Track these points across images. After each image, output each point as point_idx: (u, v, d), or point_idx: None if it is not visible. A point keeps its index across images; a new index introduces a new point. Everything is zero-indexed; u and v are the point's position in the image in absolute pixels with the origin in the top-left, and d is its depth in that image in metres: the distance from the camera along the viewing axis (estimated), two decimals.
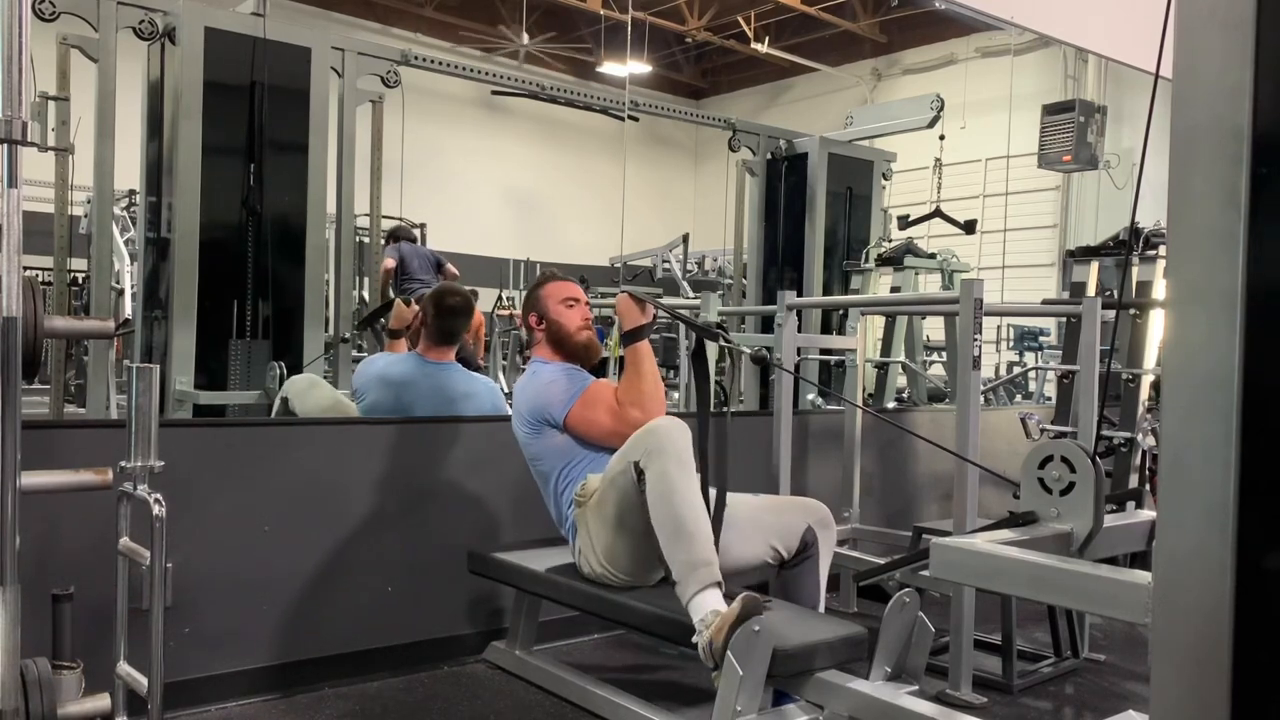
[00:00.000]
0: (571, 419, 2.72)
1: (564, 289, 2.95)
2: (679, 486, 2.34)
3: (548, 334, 2.91)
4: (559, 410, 2.73)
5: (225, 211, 4.58)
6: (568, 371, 2.84)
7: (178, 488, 2.24)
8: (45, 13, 4.15)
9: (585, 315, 2.93)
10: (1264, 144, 0.96)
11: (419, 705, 2.89)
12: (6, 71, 1.74)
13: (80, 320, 3.85)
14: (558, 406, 2.73)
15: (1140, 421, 4.38)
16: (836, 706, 2.29)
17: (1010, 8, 3.63)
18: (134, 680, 2.08)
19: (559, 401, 2.74)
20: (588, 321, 2.93)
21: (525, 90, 7.18)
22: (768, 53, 14.36)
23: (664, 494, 2.35)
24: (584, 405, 2.72)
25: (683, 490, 2.34)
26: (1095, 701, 3.14)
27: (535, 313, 2.94)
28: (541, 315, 2.93)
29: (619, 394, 2.70)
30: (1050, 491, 1.53)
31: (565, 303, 2.91)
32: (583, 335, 2.90)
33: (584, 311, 2.93)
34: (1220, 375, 0.98)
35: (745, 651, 2.17)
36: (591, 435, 2.71)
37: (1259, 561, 0.97)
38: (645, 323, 2.74)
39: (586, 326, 2.92)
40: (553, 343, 2.91)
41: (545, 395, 2.76)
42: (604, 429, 2.69)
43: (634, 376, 2.70)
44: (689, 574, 2.29)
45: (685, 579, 2.29)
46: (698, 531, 2.32)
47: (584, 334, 2.91)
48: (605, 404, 2.71)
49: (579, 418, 2.72)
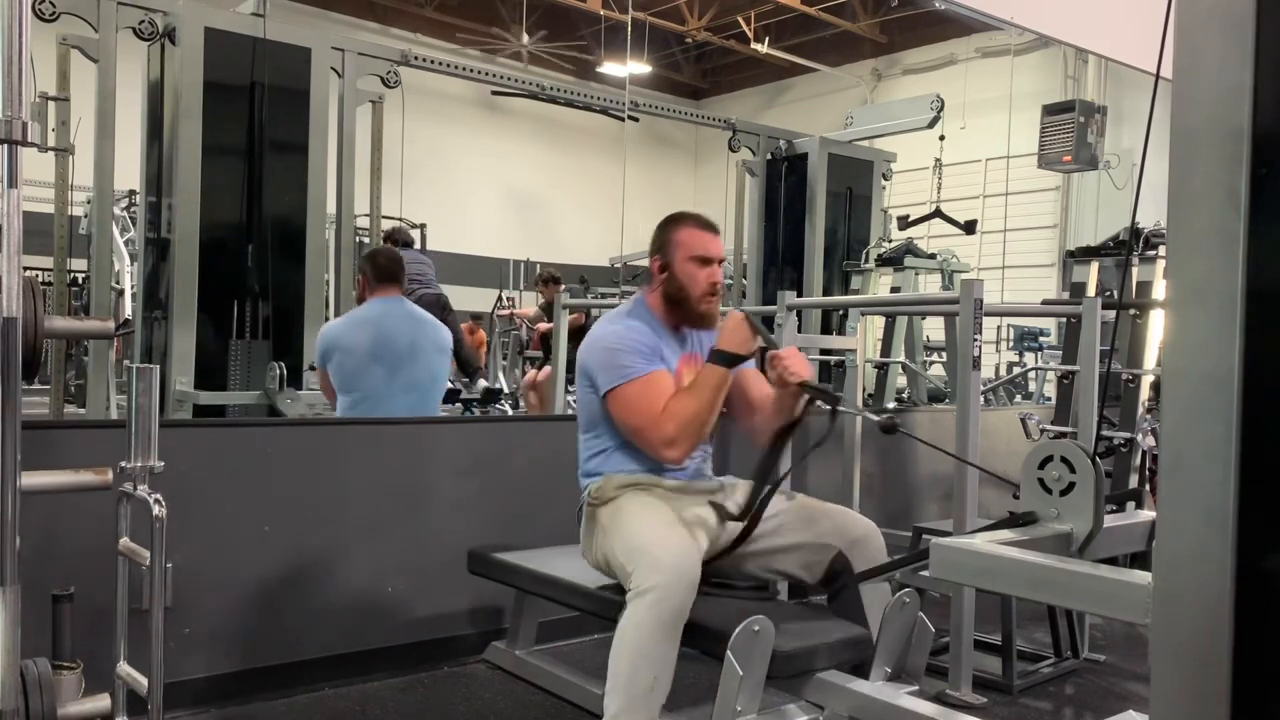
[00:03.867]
0: (612, 397, 2.49)
1: (700, 242, 2.58)
2: (647, 648, 2.16)
3: (665, 286, 2.58)
4: (604, 382, 2.50)
5: (225, 211, 4.58)
6: (645, 347, 2.52)
7: (178, 488, 2.23)
8: (45, 13, 4.16)
9: (715, 280, 2.58)
10: (1264, 144, 0.96)
11: (419, 705, 2.89)
12: (6, 71, 1.74)
13: (80, 320, 3.85)
14: (607, 377, 2.50)
15: (1140, 421, 4.38)
16: (836, 706, 2.29)
17: (1010, 8, 3.63)
18: (134, 680, 2.08)
19: (612, 374, 2.49)
20: (717, 288, 2.59)
21: (525, 90, 7.18)
22: (768, 53, 14.37)
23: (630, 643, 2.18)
24: (630, 393, 2.47)
25: (648, 652, 2.16)
26: (1095, 702, 3.14)
27: (661, 258, 2.60)
28: (666, 264, 2.59)
29: (670, 403, 2.44)
30: (1050, 492, 1.53)
31: (697, 260, 2.56)
32: (705, 305, 2.57)
33: (715, 275, 2.58)
34: (1220, 375, 0.98)
35: (745, 651, 2.16)
36: (619, 421, 2.51)
37: (1259, 561, 0.97)
38: (742, 355, 2.46)
39: (713, 293, 2.58)
40: (667, 298, 2.59)
41: (603, 360, 2.52)
42: (631, 426, 2.49)
43: (694, 397, 2.44)
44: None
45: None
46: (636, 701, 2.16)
47: (707, 304, 2.58)
48: (650, 402, 2.46)
49: (619, 400, 2.48)
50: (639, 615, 2.17)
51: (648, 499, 2.45)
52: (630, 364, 2.47)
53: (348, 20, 13.53)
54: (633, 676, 2.15)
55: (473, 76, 6.79)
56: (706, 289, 2.56)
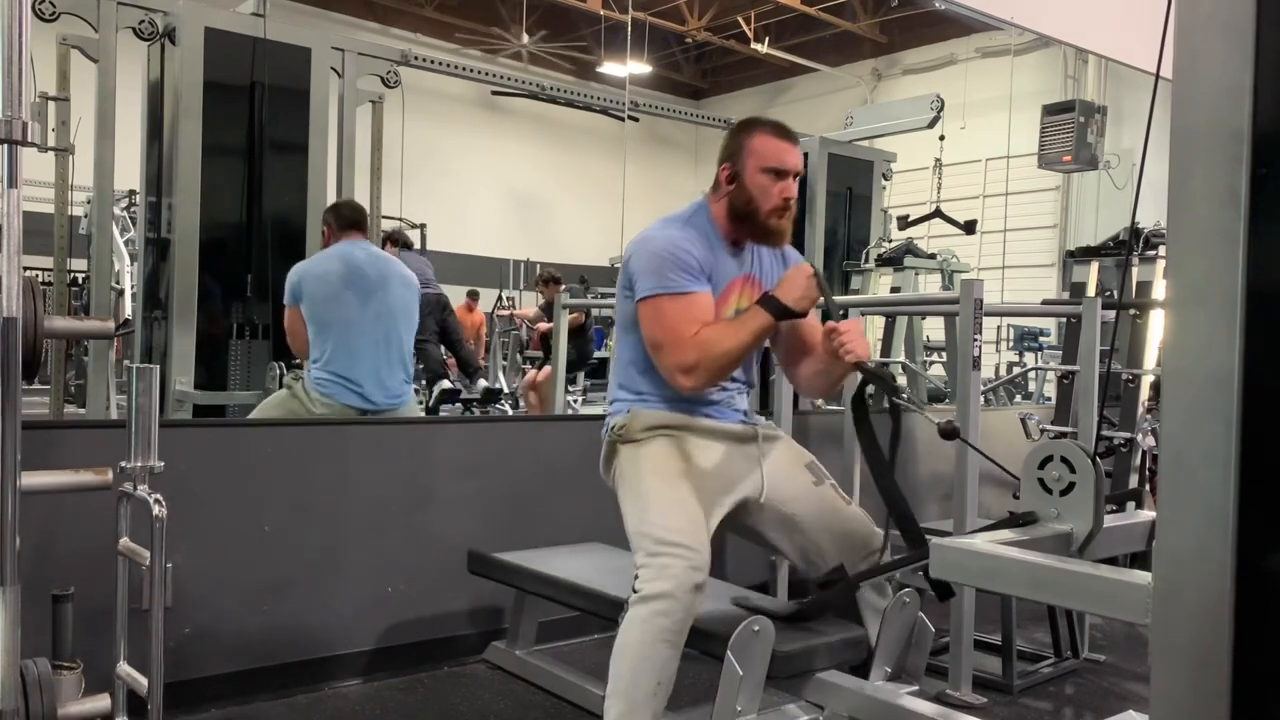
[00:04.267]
0: (644, 305, 2.28)
1: (776, 151, 2.33)
2: (650, 653, 2.10)
3: (733, 197, 2.35)
4: (642, 288, 2.29)
5: (225, 211, 4.58)
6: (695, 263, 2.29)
7: (178, 488, 2.23)
8: (45, 13, 4.16)
9: (789, 195, 2.33)
10: (1264, 144, 0.96)
11: (419, 705, 2.89)
12: (6, 71, 1.74)
13: (80, 320, 3.85)
14: (646, 284, 2.28)
15: (1140, 421, 4.38)
16: (836, 706, 2.29)
17: (1010, 8, 3.63)
18: (134, 680, 2.08)
19: (651, 281, 2.28)
20: (788, 203, 2.34)
21: (525, 90, 7.20)
22: (768, 53, 14.38)
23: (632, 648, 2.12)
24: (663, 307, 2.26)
25: (651, 656, 2.10)
26: (1095, 702, 3.14)
27: (731, 165, 2.36)
28: (736, 174, 2.35)
29: (704, 331, 2.23)
30: (1050, 492, 1.53)
31: (771, 172, 2.32)
32: (774, 221, 2.34)
33: (789, 190, 2.33)
34: (1220, 375, 0.98)
35: (745, 651, 2.16)
36: (645, 332, 2.31)
37: (1259, 561, 0.97)
38: (794, 309, 2.24)
39: (785, 209, 2.34)
40: (733, 210, 2.36)
41: (646, 265, 2.30)
42: (654, 340, 2.28)
43: (730, 335, 2.24)
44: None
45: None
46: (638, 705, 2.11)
47: (776, 219, 2.34)
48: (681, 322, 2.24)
49: (651, 310, 2.27)
50: (643, 622, 2.11)
51: (670, 457, 2.29)
52: (673, 278, 2.26)
53: (348, 20, 13.54)
54: (635, 679, 2.11)
55: (473, 76, 6.80)
56: (779, 204, 2.32)
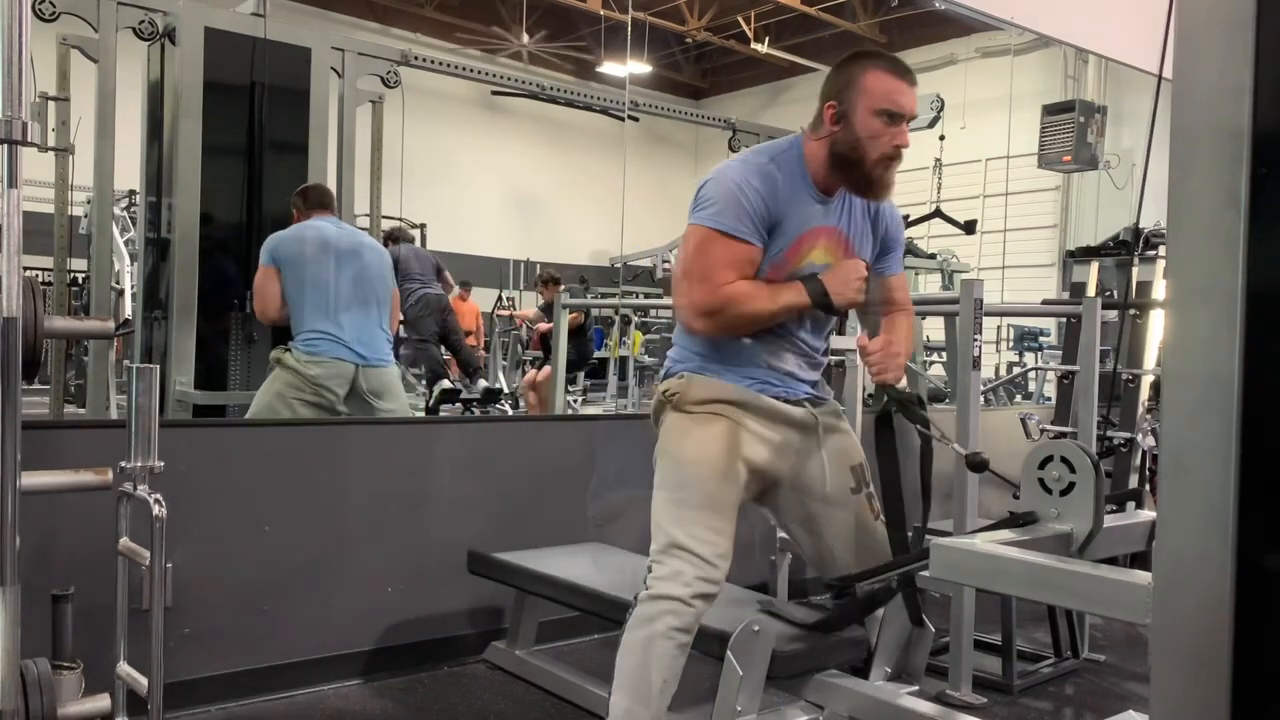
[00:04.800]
0: (691, 230, 2.09)
1: (892, 90, 2.07)
2: (658, 651, 2.06)
3: (835, 140, 2.09)
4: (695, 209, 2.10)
5: (225, 211, 4.58)
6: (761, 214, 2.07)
7: (178, 488, 2.23)
8: (45, 13, 4.16)
9: (903, 142, 2.10)
10: (1264, 144, 0.96)
11: (419, 705, 2.89)
12: (6, 71, 1.74)
13: (80, 320, 3.85)
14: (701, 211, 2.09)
15: (1140, 421, 4.38)
16: (836, 706, 2.29)
17: (1010, 8, 3.63)
18: (134, 680, 2.08)
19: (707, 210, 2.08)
20: (899, 152, 2.11)
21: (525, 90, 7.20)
22: (768, 53, 14.38)
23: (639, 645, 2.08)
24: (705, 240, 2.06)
25: (659, 653, 2.06)
26: (1095, 702, 3.14)
27: (838, 104, 2.09)
28: (843, 114, 2.09)
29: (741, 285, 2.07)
30: (1050, 492, 1.53)
31: (884, 115, 2.07)
32: (879, 170, 2.10)
33: (903, 136, 2.09)
34: (1220, 375, 0.98)
35: (745, 651, 2.16)
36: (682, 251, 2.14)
37: (1259, 561, 0.97)
38: (835, 304, 2.12)
39: (895, 157, 2.11)
40: (834, 155, 2.11)
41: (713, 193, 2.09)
42: (682, 269, 2.13)
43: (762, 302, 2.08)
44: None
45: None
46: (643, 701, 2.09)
47: (883, 169, 2.10)
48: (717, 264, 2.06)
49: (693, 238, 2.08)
50: (651, 620, 2.08)
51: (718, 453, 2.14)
52: (731, 221, 2.06)
53: (348, 20, 13.53)
54: (641, 675, 2.10)
55: (473, 76, 6.80)
56: (888, 149, 2.08)
